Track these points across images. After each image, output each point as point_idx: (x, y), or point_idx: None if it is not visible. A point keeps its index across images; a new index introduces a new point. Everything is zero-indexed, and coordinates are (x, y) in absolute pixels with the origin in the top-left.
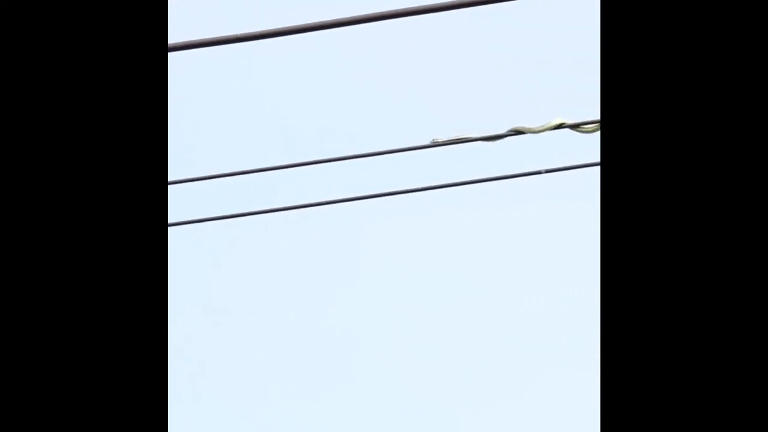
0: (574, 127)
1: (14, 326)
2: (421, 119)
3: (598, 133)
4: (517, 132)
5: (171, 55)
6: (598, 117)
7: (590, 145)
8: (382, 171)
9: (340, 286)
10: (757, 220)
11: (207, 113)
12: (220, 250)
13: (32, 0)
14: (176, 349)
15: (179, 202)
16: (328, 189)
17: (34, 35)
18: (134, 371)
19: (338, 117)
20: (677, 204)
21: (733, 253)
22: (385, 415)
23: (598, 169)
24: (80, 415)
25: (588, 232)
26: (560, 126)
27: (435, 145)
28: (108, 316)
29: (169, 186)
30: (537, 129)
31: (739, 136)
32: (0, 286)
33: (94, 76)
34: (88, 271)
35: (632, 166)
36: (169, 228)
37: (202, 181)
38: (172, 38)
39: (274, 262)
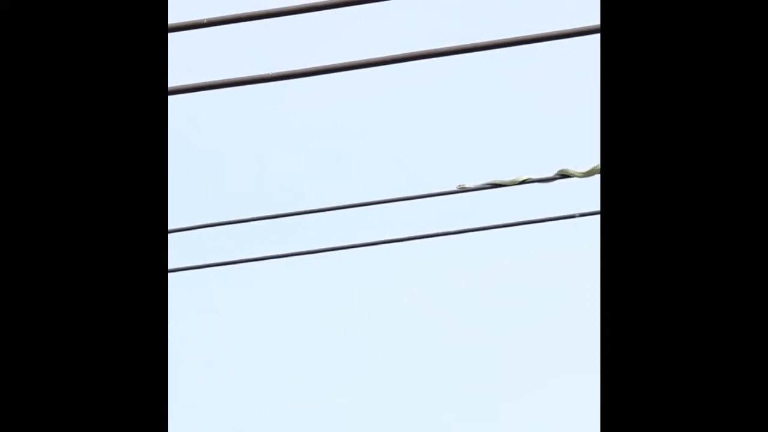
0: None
1: (16, 327)
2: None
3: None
4: (564, 175)
5: (171, 98)
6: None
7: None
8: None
9: (349, 299)
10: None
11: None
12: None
13: (33, 35)
14: (176, 349)
15: (179, 250)
16: (346, 233)
17: (36, 68)
18: (134, 371)
19: (362, 160)
20: (676, 219)
21: (728, 269)
22: (388, 418)
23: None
24: (80, 415)
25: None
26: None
27: (463, 190)
28: (109, 317)
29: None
30: (582, 173)
31: (741, 181)
32: (4, 289)
33: (93, 106)
34: (89, 273)
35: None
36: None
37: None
38: (173, 81)
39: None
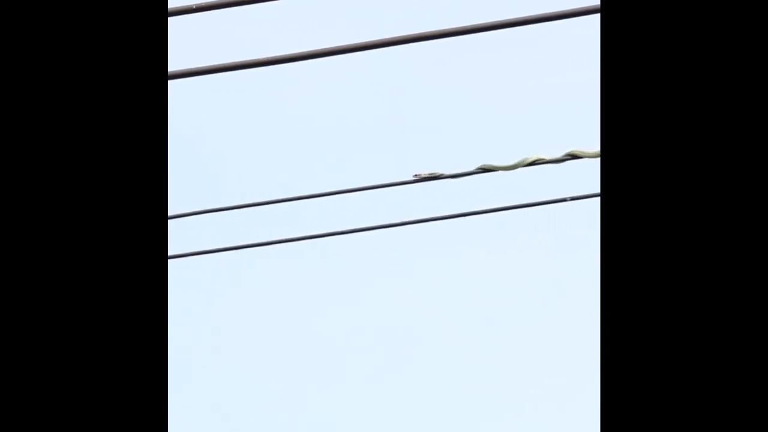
0: (551, 162)
1: (16, 326)
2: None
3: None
4: (486, 170)
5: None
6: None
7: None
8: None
9: (343, 296)
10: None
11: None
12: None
13: (33, 22)
14: (176, 349)
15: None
16: (318, 222)
17: (34, 51)
18: (134, 371)
19: (322, 150)
20: (677, 225)
21: (729, 260)
22: (386, 419)
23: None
24: (80, 415)
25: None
26: (535, 162)
27: (417, 180)
28: (109, 317)
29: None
30: (508, 166)
31: (742, 173)
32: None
33: (94, 97)
34: (90, 274)
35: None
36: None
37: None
38: (172, 66)
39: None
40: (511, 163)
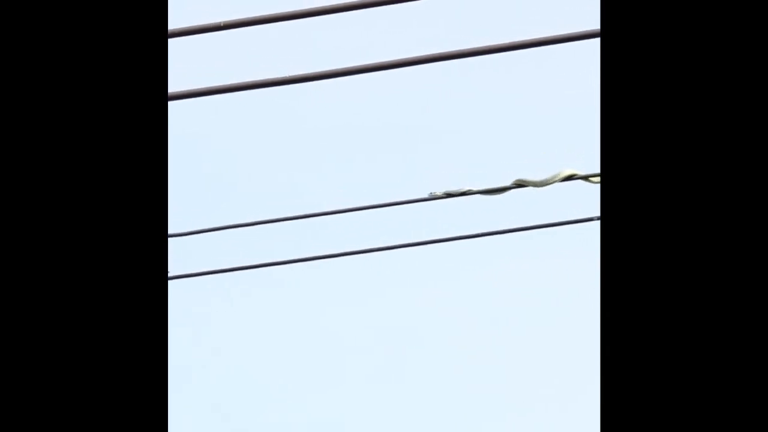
0: (584, 178)
1: (18, 330)
2: (419, 171)
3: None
4: (520, 185)
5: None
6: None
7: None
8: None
9: (355, 302)
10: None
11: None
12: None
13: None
14: (176, 349)
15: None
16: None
17: (37, 73)
18: (134, 371)
19: (335, 169)
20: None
21: (728, 272)
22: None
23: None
24: (81, 415)
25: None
26: (570, 177)
27: (433, 198)
28: (109, 318)
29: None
30: (541, 182)
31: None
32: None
33: (95, 113)
34: (89, 276)
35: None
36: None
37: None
38: (173, 87)
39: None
40: (545, 177)
